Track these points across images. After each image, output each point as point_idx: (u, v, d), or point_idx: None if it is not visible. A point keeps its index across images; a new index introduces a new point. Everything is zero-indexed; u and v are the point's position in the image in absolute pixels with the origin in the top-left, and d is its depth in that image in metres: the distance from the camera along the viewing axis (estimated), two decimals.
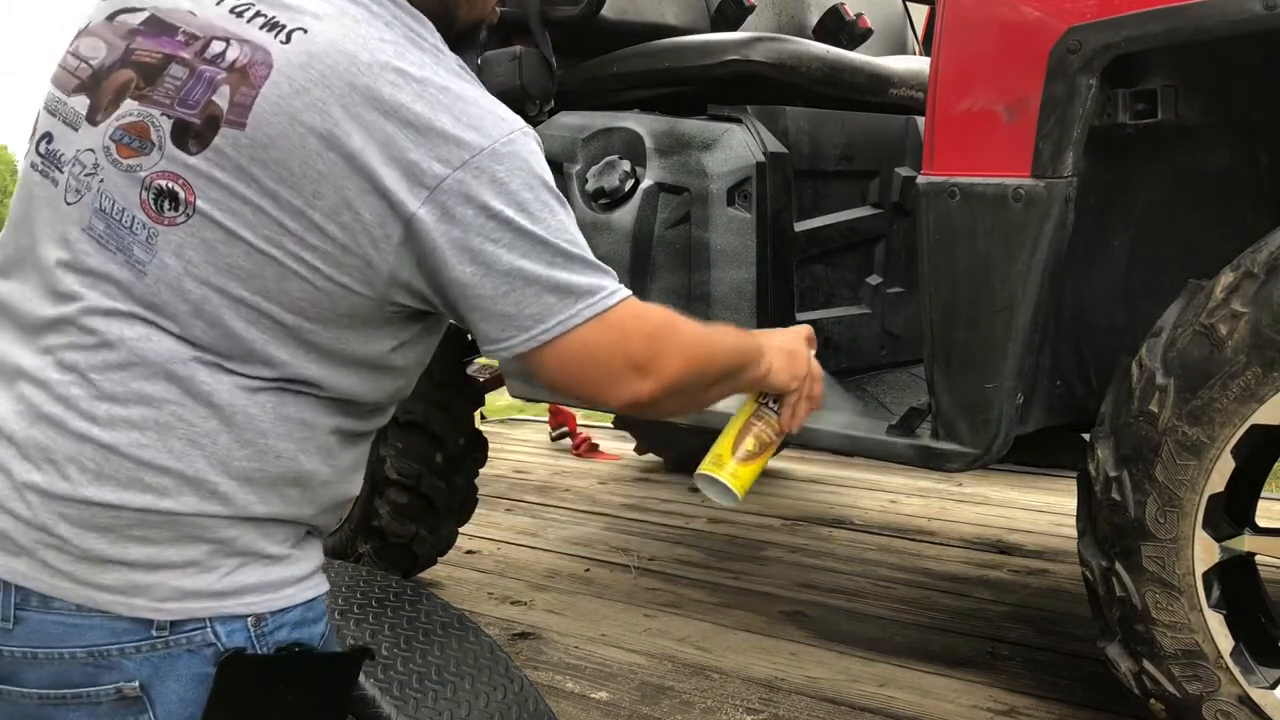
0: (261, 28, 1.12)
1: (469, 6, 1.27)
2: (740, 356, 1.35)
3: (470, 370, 3.25)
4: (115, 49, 1.17)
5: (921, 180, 2.02)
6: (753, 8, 2.96)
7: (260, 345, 1.11)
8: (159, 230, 1.10)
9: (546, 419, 5.11)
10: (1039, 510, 3.85)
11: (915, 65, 2.72)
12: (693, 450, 4.21)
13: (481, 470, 3.15)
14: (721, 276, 2.39)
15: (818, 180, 2.51)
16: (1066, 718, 2.36)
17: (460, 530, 3.17)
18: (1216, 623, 1.85)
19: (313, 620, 1.20)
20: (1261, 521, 1.92)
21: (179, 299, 1.09)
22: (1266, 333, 1.74)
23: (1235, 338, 1.76)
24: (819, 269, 2.53)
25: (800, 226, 2.45)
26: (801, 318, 2.46)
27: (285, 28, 1.12)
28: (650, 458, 4.55)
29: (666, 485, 4.27)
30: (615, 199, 2.48)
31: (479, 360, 3.38)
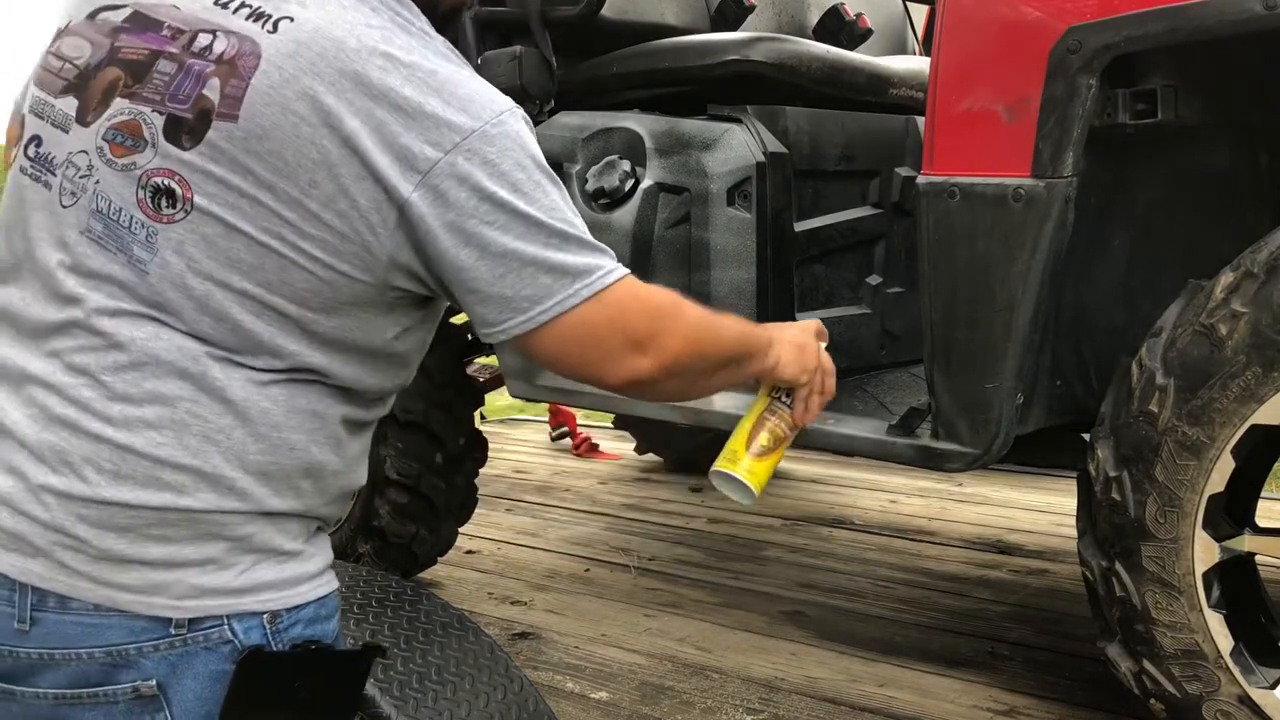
0: (247, 18, 1.11)
1: None
2: (745, 346, 1.35)
3: (470, 370, 3.25)
4: (100, 48, 1.15)
5: (921, 180, 2.02)
6: (753, 8, 2.97)
7: (268, 337, 1.11)
8: (158, 228, 1.09)
9: (546, 419, 5.11)
10: (1039, 510, 3.85)
11: (915, 65, 2.72)
12: (693, 450, 4.24)
13: (481, 470, 3.15)
14: (721, 276, 2.39)
15: (818, 180, 2.51)
16: (1066, 718, 2.36)
17: (460, 530, 3.17)
18: (1216, 623, 1.85)
19: (325, 617, 1.20)
20: (1261, 521, 1.92)
21: (183, 296, 1.09)
22: (1266, 333, 1.74)
23: (1235, 338, 1.76)
24: (819, 269, 2.53)
25: (800, 226, 2.45)
26: (801, 318, 2.46)
27: (271, 17, 1.11)
28: (650, 458, 4.55)
29: (666, 485, 4.27)
30: (615, 199, 2.48)
31: (479, 360, 3.38)
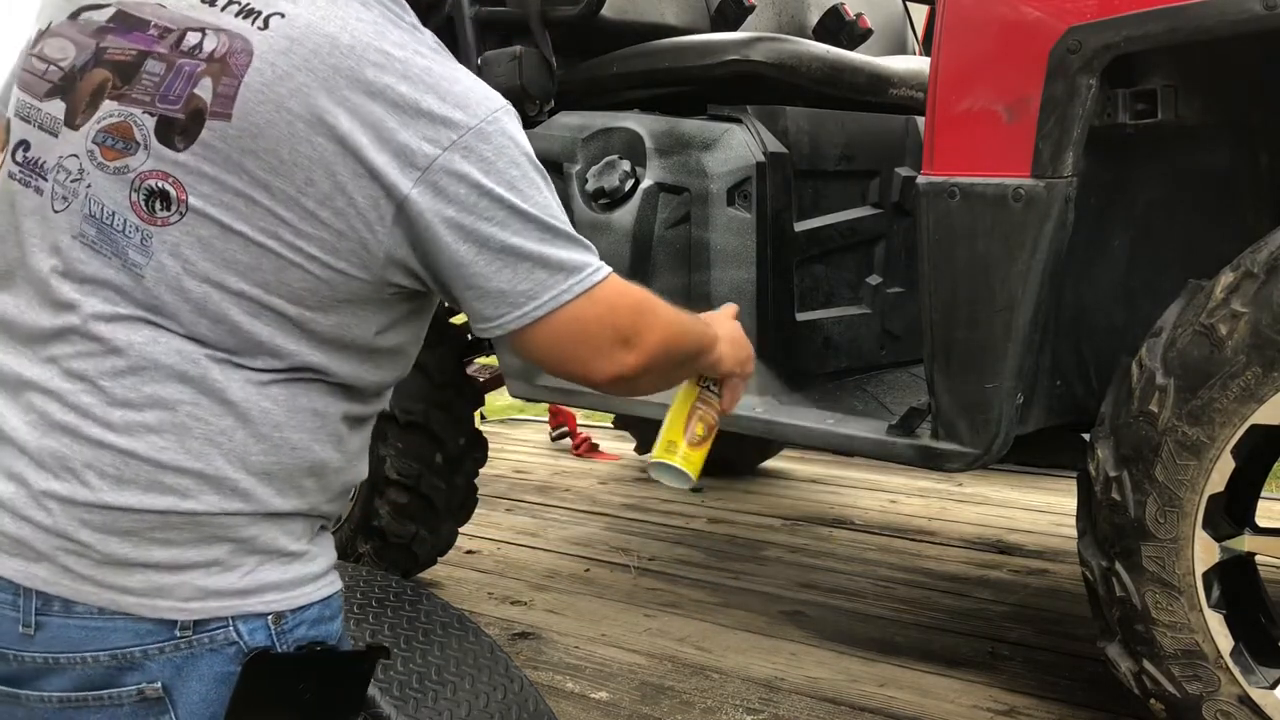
0: (237, 15, 1.10)
1: None
2: (701, 339, 1.37)
3: (470, 370, 3.25)
4: (85, 49, 1.14)
5: (921, 180, 2.02)
6: (753, 8, 2.97)
7: (267, 337, 1.10)
8: (152, 231, 1.08)
9: (546, 419, 5.11)
10: (1039, 510, 3.85)
11: (915, 65, 2.72)
12: None
13: (481, 470, 3.15)
14: (721, 276, 2.39)
15: (818, 180, 2.51)
16: (1066, 718, 2.36)
17: (460, 530, 3.17)
18: (1216, 623, 1.85)
19: (330, 618, 1.20)
20: (1261, 521, 1.92)
21: (180, 299, 1.09)
22: (1266, 333, 1.74)
23: (1235, 338, 1.76)
24: (819, 269, 2.53)
25: (800, 226, 2.45)
26: (801, 318, 2.46)
27: (261, 13, 1.10)
28: (650, 458, 4.54)
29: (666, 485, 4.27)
30: (615, 199, 2.47)
31: (479, 360, 3.38)
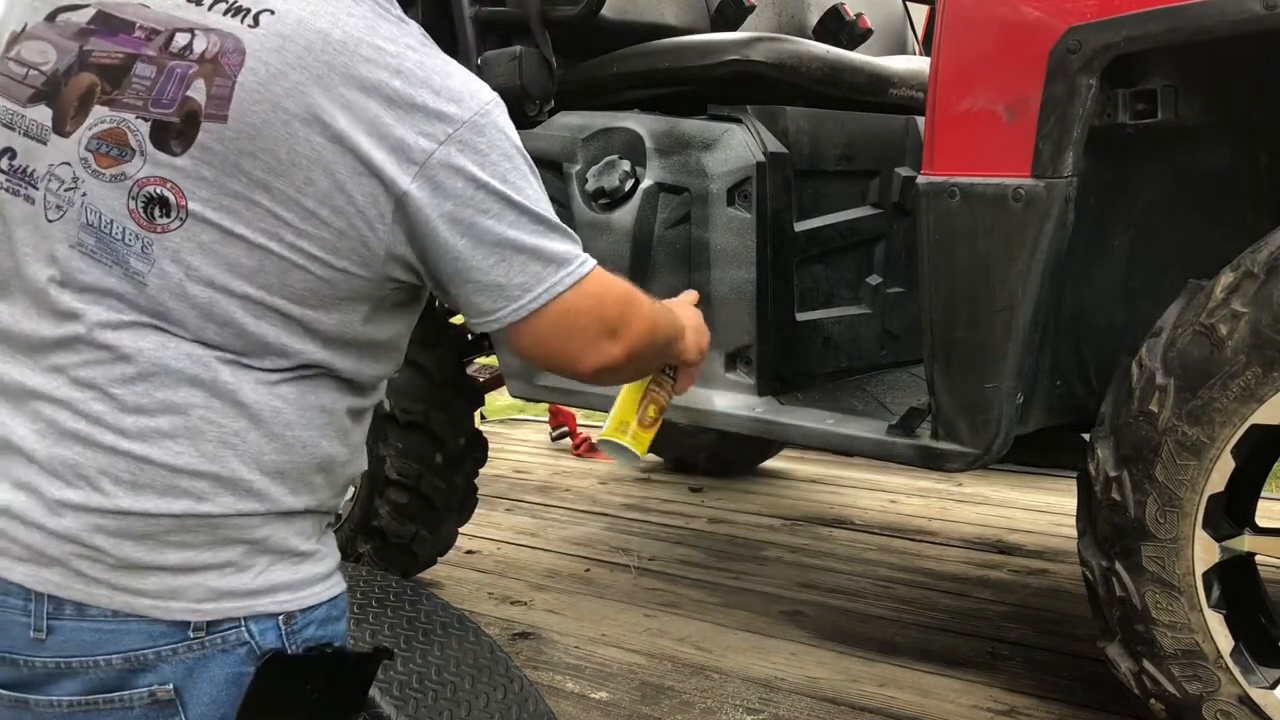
0: (225, 14, 1.09)
1: None
2: (673, 329, 1.39)
3: (470, 370, 3.25)
4: (67, 52, 1.11)
5: (921, 180, 2.02)
6: (753, 8, 2.96)
7: (273, 338, 1.10)
8: (153, 238, 1.07)
9: (546, 419, 5.11)
10: (1039, 510, 3.85)
11: (915, 65, 2.72)
12: (693, 450, 4.24)
13: (481, 470, 3.15)
14: (721, 276, 2.39)
15: (818, 180, 2.51)
16: (1066, 718, 2.36)
17: (460, 530, 3.17)
18: (1216, 623, 1.85)
19: (336, 618, 1.21)
20: (1261, 521, 1.92)
21: (185, 305, 1.08)
22: (1266, 333, 1.74)
23: (1235, 338, 1.76)
24: (819, 269, 2.53)
25: (800, 226, 2.45)
26: (801, 318, 2.46)
27: (250, 11, 1.09)
28: (650, 458, 4.55)
29: (666, 485, 4.27)
30: (615, 199, 2.47)
31: (479, 360, 3.38)
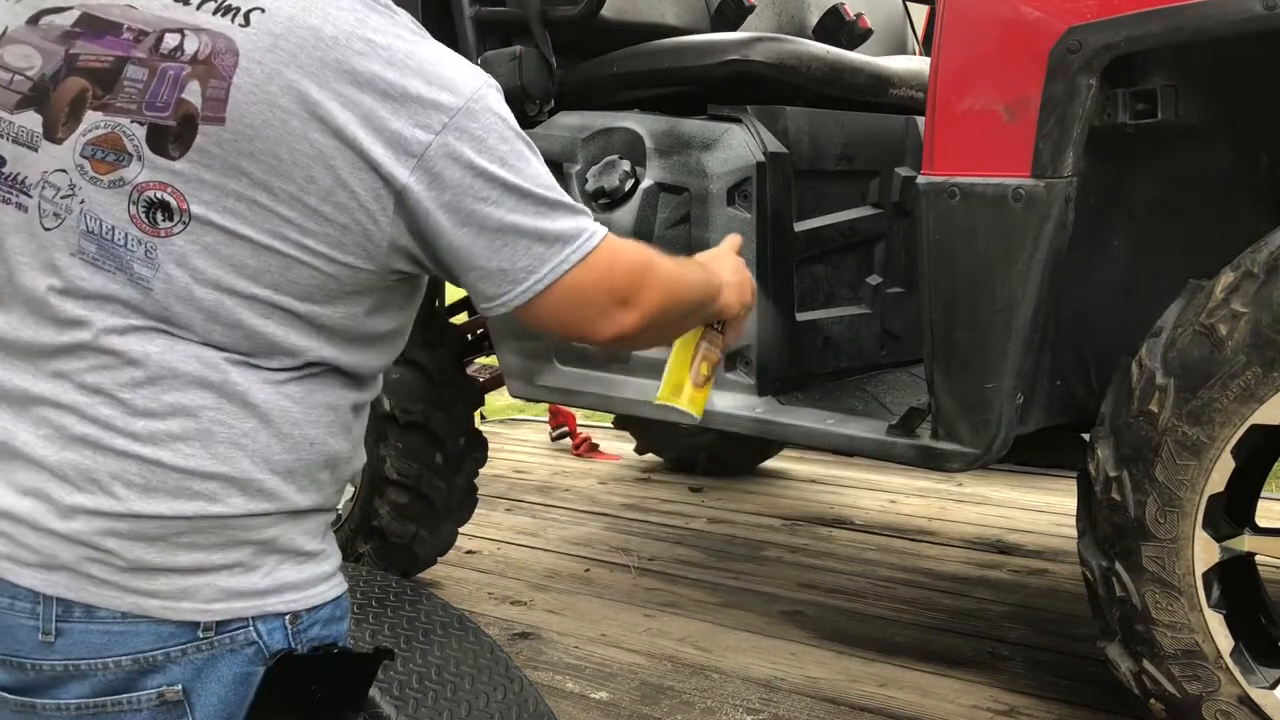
0: (215, 13, 1.08)
1: None
2: (706, 292, 1.38)
3: (470, 370, 3.25)
4: (52, 56, 1.09)
5: (921, 180, 2.02)
6: (753, 8, 2.96)
7: (280, 337, 1.10)
8: (156, 243, 1.07)
9: (546, 419, 5.11)
10: (1039, 510, 3.85)
11: (915, 65, 2.72)
12: (693, 450, 4.24)
13: (481, 470, 3.15)
14: None
15: (818, 180, 2.51)
16: (1066, 718, 2.36)
17: (460, 530, 3.17)
18: (1216, 623, 1.85)
19: (340, 617, 1.21)
20: (1261, 521, 1.92)
21: (191, 308, 1.08)
22: (1266, 333, 1.74)
23: (1235, 338, 1.76)
24: (819, 269, 2.53)
25: (800, 226, 2.45)
26: (801, 318, 2.46)
27: (239, 10, 1.08)
28: (650, 458, 4.55)
29: (666, 485, 4.27)
30: (615, 199, 2.47)
31: (479, 360, 3.38)
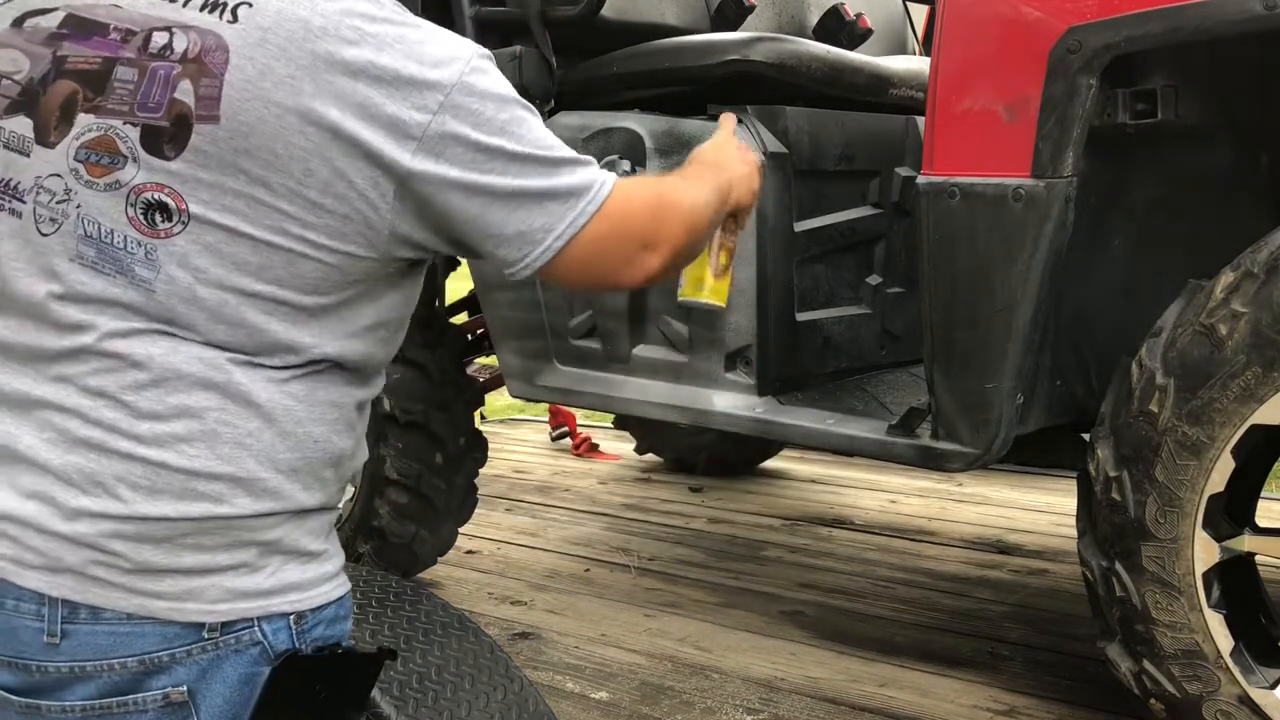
0: (202, 9, 1.08)
1: None
2: (721, 200, 1.39)
3: (470, 370, 3.25)
4: (39, 58, 1.09)
5: (921, 180, 2.02)
6: (753, 8, 2.96)
7: (284, 334, 1.10)
8: (156, 244, 1.06)
9: (546, 419, 5.11)
10: (1039, 510, 3.85)
11: (915, 65, 2.72)
12: (693, 450, 4.24)
13: (481, 470, 3.15)
14: None
15: (818, 180, 2.51)
16: (1066, 718, 2.36)
17: (460, 530, 3.17)
18: (1216, 623, 1.85)
19: (343, 617, 1.21)
20: (1261, 521, 1.92)
21: (195, 308, 1.08)
22: (1266, 333, 1.74)
23: (1235, 338, 1.76)
24: (819, 269, 2.53)
25: (800, 226, 2.45)
26: (802, 318, 2.46)
27: (226, 6, 1.07)
28: (650, 458, 4.55)
29: (666, 485, 4.27)
30: None
31: (479, 360, 3.38)
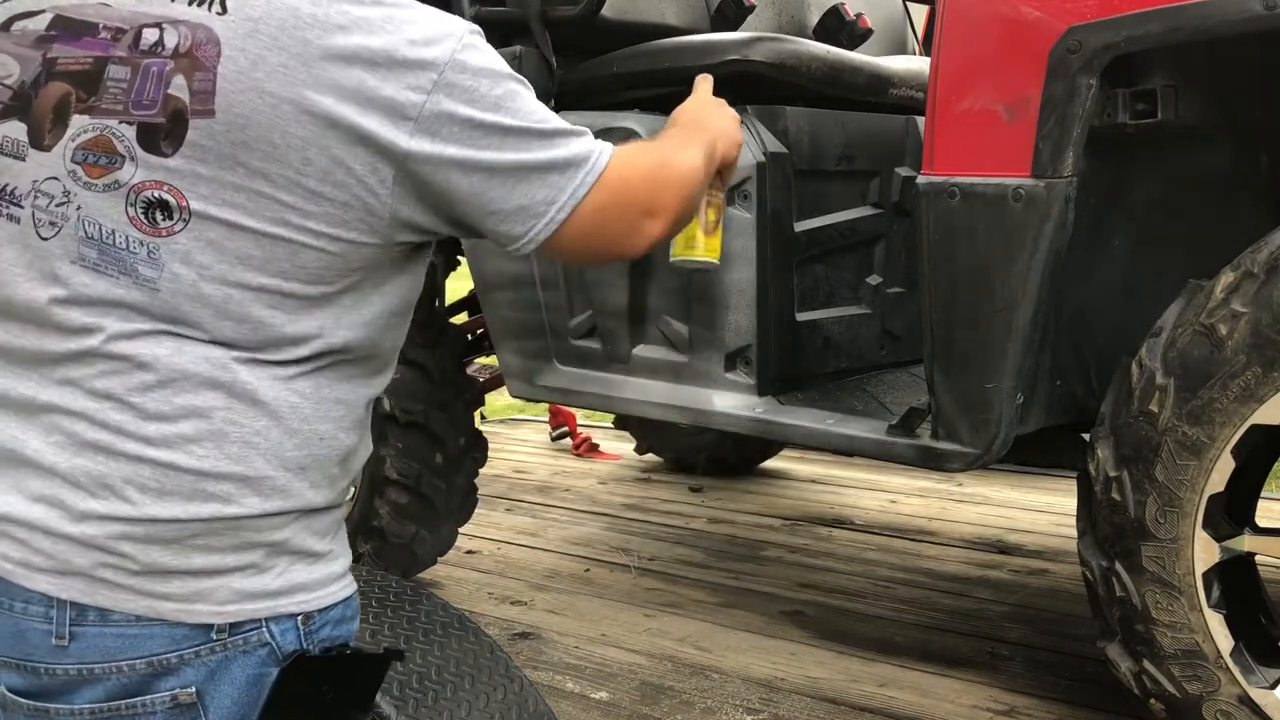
0: (190, 3, 1.07)
1: None
2: (709, 160, 1.40)
3: (470, 370, 3.25)
4: (29, 61, 1.08)
5: (921, 180, 2.02)
6: (753, 8, 2.96)
7: (290, 327, 1.10)
8: (158, 243, 1.06)
9: (546, 419, 5.11)
10: (1039, 510, 3.85)
11: (915, 65, 2.72)
12: (693, 450, 4.24)
13: (481, 470, 3.15)
14: (721, 276, 2.39)
15: (818, 180, 2.51)
16: (1066, 718, 2.36)
17: (460, 530, 3.17)
18: (1216, 623, 1.85)
19: (350, 618, 1.21)
20: (1261, 521, 1.92)
21: (200, 306, 1.07)
22: (1266, 333, 1.74)
23: (1235, 338, 1.76)
24: (819, 269, 2.53)
25: (800, 226, 2.45)
26: (802, 318, 2.46)
27: None
28: (650, 458, 4.55)
29: (666, 485, 4.27)
30: None
31: (479, 360, 3.38)
